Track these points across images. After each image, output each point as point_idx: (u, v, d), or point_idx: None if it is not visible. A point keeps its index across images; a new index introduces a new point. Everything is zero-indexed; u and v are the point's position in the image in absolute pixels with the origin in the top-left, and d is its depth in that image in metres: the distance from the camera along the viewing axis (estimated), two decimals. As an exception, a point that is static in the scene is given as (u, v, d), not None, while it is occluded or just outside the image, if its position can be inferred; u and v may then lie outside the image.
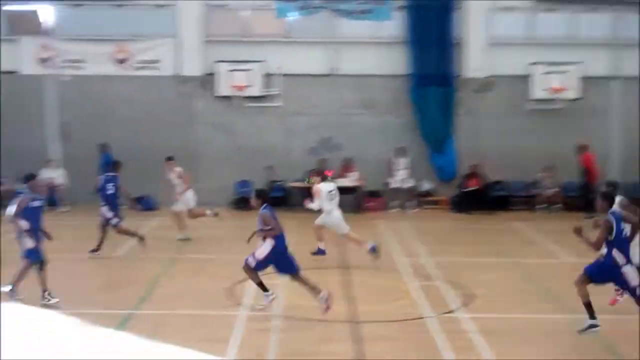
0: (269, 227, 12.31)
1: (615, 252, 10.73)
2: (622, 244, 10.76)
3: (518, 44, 24.17)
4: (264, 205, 12.43)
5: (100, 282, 13.62)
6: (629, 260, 10.78)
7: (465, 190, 23.57)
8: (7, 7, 23.70)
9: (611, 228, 10.69)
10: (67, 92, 23.48)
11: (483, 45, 24.16)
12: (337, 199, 16.75)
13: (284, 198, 23.34)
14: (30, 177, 13.50)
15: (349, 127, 24.23)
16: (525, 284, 14.62)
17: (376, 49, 24.33)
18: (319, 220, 16.82)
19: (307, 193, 22.98)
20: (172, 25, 23.88)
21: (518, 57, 23.99)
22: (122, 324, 11.97)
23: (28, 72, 23.62)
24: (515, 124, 24.16)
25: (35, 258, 12.91)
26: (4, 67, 23.42)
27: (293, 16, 23.80)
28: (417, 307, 12.96)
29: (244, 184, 23.80)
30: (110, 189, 16.96)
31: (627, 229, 10.81)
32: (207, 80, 23.83)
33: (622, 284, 10.99)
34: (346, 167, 23.47)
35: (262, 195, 12.76)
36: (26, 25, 23.70)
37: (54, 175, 22.78)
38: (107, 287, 13.84)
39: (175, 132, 23.83)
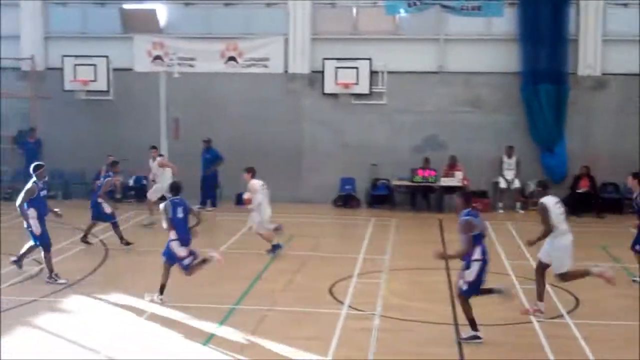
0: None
1: None
2: None
3: (633, 40, 23.26)
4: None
5: (205, 277, 13.84)
6: None
7: (576, 192, 22.87)
8: (124, 6, 24.41)
9: None
10: (178, 89, 24.00)
11: (597, 42, 23.39)
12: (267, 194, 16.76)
13: (388, 196, 23.22)
14: (38, 167, 14.39)
15: (456, 125, 23.90)
16: (634, 290, 14.08)
17: (486, 46, 23.91)
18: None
19: (415, 191, 22.95)
20: (281, 24, 24.09)
21: (633, 54, 23.12)
22: (226, 318, 12.15)
23: (141, 70, 24.29)
24: (629, 124, 23.29)
25: (44, 242, 14.06)
26: (119, 64, 24.15)
27: (402, 13, 23.61)
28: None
29: (348, 181, 23.80)
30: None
31: None
32: (315, 77, 23.94)
33: None
34: (451, 166, 23.15)
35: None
36: (140, 23, 24.36)
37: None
38: (212, 282, 14.05)
39: (283, 129, 24.05)
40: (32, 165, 14.54)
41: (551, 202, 12.27)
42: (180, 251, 12.78)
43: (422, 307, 12.72)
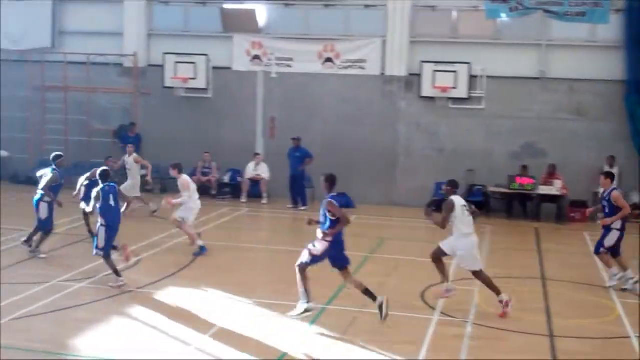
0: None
1: None
2: None
3: None
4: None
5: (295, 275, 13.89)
6: None
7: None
8: (225, 6, 24.72)
9: None
10: (274, 88, 24.19)
11: None
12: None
13: (484, 203, 22.81)
14: (58, 157, 15.85)
15: (555, 133, 23.30)
16: None
17: (590, 53, 23.23)
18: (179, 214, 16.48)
19: (511, 198, 22.49)
20: (380, 25, 23.96)
21: None
22: (316, 318, 12.11)
23: (239, 69, 24.53)
24: None
25: (47, 228, 15.47)
26: (218, 63, 24.46)
27: (503, 18, 23.16)
28: (621, 325, 12.22)
29: (442, 186, 23.41)
30: None
31: None
32: (412, 80, 23.72)
33: None
34: (550, 174, 22.57)
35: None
36: (240, 23, 24.63)
37: (259, 169, 23.49)
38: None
39: (378, 131, 23.92)
40: (53, 155, 15.62)
41: (458, 202, 12.84)
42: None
43: (515, 317, 12.41)
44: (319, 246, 11.80)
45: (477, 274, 12.89)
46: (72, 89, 25.11)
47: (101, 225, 13.45)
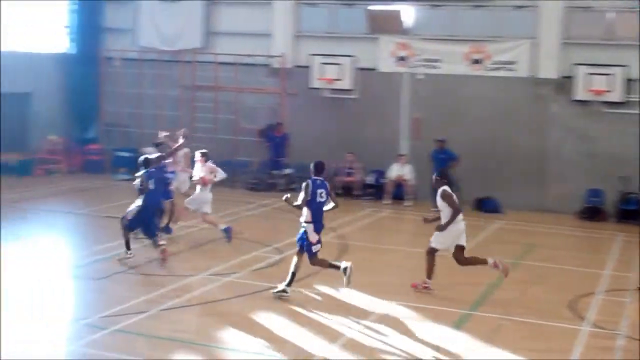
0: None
1: None
2: None
3: None
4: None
5: (440, 280, 13.66)
6: None
7: None
8: (371, 7, 24.68)
9: None
10: (420, 90, 23.94)
11: None
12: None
13: (639, 211, 21.73)
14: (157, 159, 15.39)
15: None
16: None
17: None
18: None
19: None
20: (531, 26, 23.30)
21: None
22: (459, 323, 11.88)
23: (385, 70, 24.42)
24: None
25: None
26: (363, 64, 24.44)
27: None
28: None
29: (595, 192, 22.53)
30: None
31: None
32: (564, 83, 22.91)
33: None
34: None
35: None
36: (385, 24, 24.54)
37: (403, 170, 23.32)
38: (447, 284, 13.83)
39: (527, 134, 23.23)
40: (142, 158, 15.13)
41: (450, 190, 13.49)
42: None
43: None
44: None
45: (430, 250, 13.55)
46: (221, 89, 25.75)
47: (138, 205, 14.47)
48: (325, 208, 12.87)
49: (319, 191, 12.76)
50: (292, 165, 24.52)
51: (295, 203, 12.75)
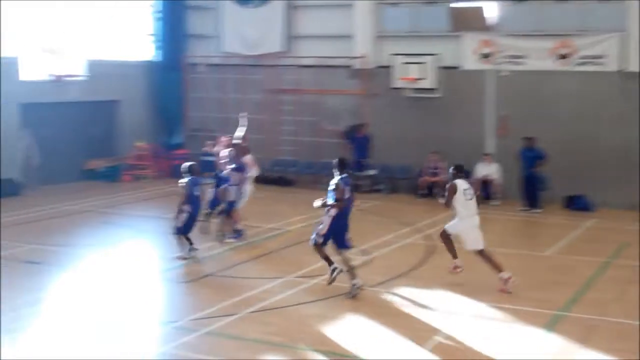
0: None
1: None
2: None
3: None
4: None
5: (530, 280, 13.40)
6: None
7: None
8: (453, 5, 24.37)
9: None
10: (505, 86, 23.50)
11: None
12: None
13: None
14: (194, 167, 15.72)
15: None
16: None
17: None
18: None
19: None
20: (619, 19, 22.59)
21: None
22: (552, 324, 11.60)
23: (469, 67, 24.06)
24: None
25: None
26: (446, 62, 24.15)
27: None
28: None
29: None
30: None
31: None
32: (654, 76, 22.19)
33: None
34: None
35: None
36: (468, 21, 24.17)
37: (489, 170, 22.95)
38: (538, 285, 13.54)
39: (617, 129, 22.51)
40: (187, 165, 15.50)
41: (461, 186, 13.53)
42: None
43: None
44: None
45: (480, 253, 13.57)
46: (303, 92, 25.84)
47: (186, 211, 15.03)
48: (315, 204, 13.07)
49: (347, 188, 12.98)
50: (375, 166, 24.44)
51: (330, 202, 12.84)
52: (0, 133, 22.27)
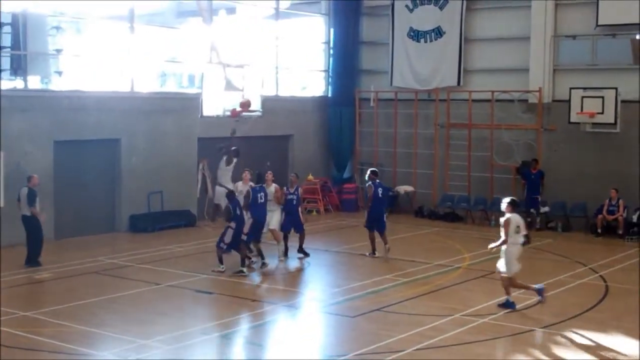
0: None
1: None
2: None
3: None
4: None
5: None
6: None
7: None
8: (636, 37, 23.30)
9: None
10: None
11: None
12: None
13: None
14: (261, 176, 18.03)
15: None
16: None
17: None
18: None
19: None
20: None
21: None
22: None
23: (652, 101, 22.92)
24: None
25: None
26: (627, 97, 23.01)
27: None
28: None
29: None
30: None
31: None
32: None
33: None
34: None
35: None
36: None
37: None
38: None
39: None
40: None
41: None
42: None
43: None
44: None
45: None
46: (475, 126, 25.48)
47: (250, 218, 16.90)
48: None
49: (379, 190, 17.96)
50: (548, 204, 23.67)
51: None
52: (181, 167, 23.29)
